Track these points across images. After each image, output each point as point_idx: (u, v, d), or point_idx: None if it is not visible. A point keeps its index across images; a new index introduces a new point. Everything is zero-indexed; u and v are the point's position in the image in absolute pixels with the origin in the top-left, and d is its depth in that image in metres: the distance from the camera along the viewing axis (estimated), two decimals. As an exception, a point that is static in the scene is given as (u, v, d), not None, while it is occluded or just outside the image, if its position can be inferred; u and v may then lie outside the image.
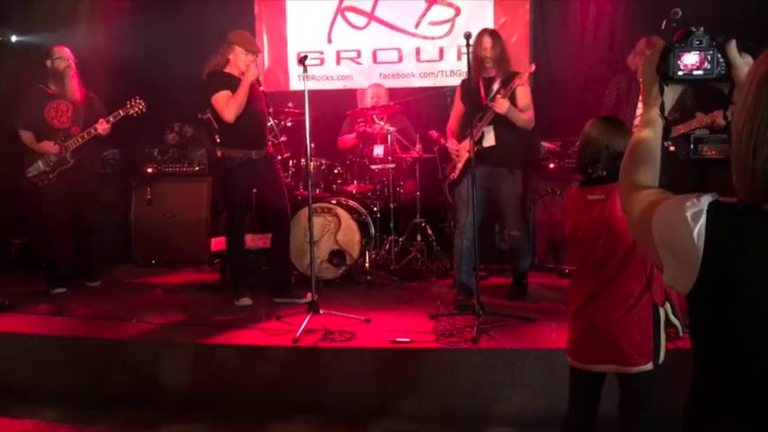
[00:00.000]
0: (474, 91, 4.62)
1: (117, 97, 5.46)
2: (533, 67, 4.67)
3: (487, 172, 4.60)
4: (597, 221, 2.62)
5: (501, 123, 4.58)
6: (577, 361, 2.70)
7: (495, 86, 4.59)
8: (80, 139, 5.32)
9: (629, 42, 5.17)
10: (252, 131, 4.78)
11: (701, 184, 5.20)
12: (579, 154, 2.75)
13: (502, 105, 4.47)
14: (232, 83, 4.71)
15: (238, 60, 4.76)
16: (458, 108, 4.80)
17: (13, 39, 6.49)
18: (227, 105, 4.65)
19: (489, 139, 4.61)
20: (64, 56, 5.40)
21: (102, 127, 5.32)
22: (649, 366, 2.60)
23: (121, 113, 5.35)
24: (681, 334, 2.76)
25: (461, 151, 4.64)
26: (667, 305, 2.68)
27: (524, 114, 4.61)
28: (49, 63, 5.40)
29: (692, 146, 5.34)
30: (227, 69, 4.79)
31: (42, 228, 5.55)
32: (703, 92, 5.01)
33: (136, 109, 5.36)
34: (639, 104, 4.88)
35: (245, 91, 4.67)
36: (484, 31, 4.74)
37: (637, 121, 4.82)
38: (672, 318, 2.69)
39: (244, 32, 4.98)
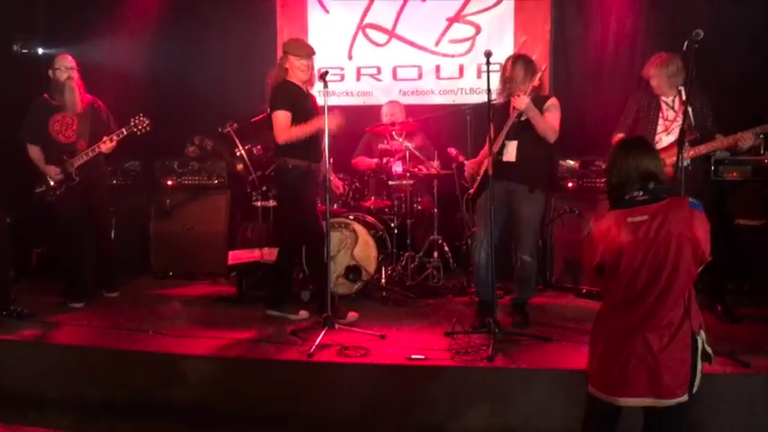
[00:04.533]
0: (504, 114, 4.55)
1: (140, 110, 5.40)
2: (545, 66, 4.66)
3: (508, 189, 4.50)
4: (642, 243, 2.56)
5: (524, 138, 4.47)
6: (608, 393, 2.61)
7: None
8: (84, 157, 5.27)
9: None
10: (313, 144, 4.75)
11: (719, 205, 5.15)
12: (608, 176, 2.71)
13: (522, 102, 4.35)
14: (294, 95, 4.70)
15: (295, 68, 4.74)
16: (490, 131, 4.60)
17: (40, 51, 6.58)
18: (286, 130, 4.63)
19: (510, 154, 4.52)
20: (66, 65, 5.28)
21: (106, 146, 5.27)
22: (685, 397, 2.54)
23: (125, 132, 5.29)
24: (712, 363, 2.70)
25: (481, 170, 4.58)
26: (702, 333, 2.61)
27: (546, 117, 4.48)
28: (51, 73, 5.32)
29: (712, 167, 5.31)
30: (290, 78, 4.77)
31: (57, 243, 5.58)
32: (723, 114, 5.00)
33: (140, 127, 5.29)
34: (660, 122, 4.84)
35: (310, 131, 4.65)
36: (508, 58, 4.71)
37: (657, 138, 4.81)
38: (707, 347, 2.61)
39: (296, 39, 4.99)
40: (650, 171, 2.65)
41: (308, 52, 4.79)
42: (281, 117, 4.65)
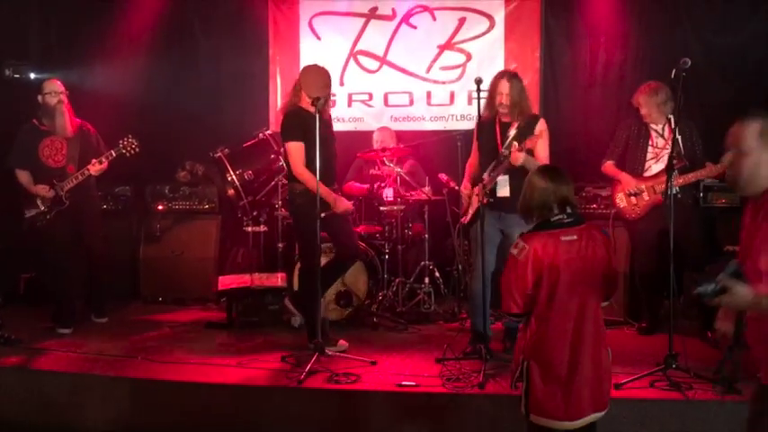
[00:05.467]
0: (490, 133, 4.55)
1: (132, 134, 5.39)
2: (545, 125, 4.52)
3: (500, 216, 4.49)
4: (576, 260, 2.73)
5: (516, 173, 4.41)
6: (564, 418, 2.67)
7: (512, 132, 4.46)
8: (74, 180, 5.26)
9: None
10: (326, 169, 4.56)
11: (708, 232, 5.18)
12: (528, 200, 2.90)
13: (517, 158, 4.32)
14: (306, 121, 4.49)
15: (305, 101, 4.56)
16: (475, 148, 4.68)
17: (32, 76, 6.58)
18: (300, 165, 4.52)
19: (503, 190, 4.49)
20: (55, 90, 5.30)
21: (95, 169, 5.28)
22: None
23: (114, 154, 5.30)
24: None
25: (473, 199, 4.57)
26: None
27: (538, 156, 4.45)
28: (40, 98, 5.32)
29: (701, 194, 5.34)
30: (303, 104, 4.61)
31: (47, 268, 5.53)
32: (711, 143, 5.04)
33: (129, 149, 5.31)
34: (649, 149, 4.88)
35: (324, 194, 4.47)
36: (501, 74, 4.62)
37: (647, 166, 4.86)
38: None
39: (314, 72, 4.64)
40: (566, 197, 2.85)
41: (320, 95, 4.46)
42: (294, 149, 4.55)
